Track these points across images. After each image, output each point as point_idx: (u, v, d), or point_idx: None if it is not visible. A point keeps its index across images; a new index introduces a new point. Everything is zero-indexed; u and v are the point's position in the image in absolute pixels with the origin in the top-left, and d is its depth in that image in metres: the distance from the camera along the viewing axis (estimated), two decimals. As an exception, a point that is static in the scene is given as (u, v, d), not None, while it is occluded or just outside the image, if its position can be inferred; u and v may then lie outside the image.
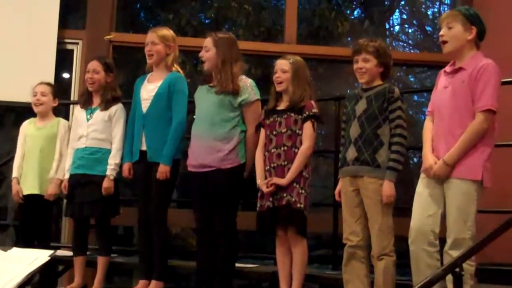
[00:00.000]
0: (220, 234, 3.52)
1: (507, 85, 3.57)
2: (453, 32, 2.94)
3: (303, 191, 3.35)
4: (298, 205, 3.31)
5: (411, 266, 2.96)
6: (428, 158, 2.97)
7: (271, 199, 3.38)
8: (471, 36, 2.93)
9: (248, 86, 3.60)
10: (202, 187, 3.57)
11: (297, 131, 3.41)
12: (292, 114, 3.42)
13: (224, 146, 3.54)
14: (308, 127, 3.40)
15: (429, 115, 3.12)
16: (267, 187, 3.37)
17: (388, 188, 3.09)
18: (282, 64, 3.50)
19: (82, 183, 3.90)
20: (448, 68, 3.04)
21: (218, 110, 3.57)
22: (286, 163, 3.38)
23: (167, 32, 3.85)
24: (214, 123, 3.56)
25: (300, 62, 3.53)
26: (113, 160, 3.86)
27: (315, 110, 3.43)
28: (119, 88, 4.14)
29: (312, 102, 3.46)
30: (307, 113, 3.41)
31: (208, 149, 3.55)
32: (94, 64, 4.02)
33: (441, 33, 2.97)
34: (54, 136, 4.19)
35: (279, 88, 3.51)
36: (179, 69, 3.87)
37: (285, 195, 3.34)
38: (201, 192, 3.59)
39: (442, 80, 3.06)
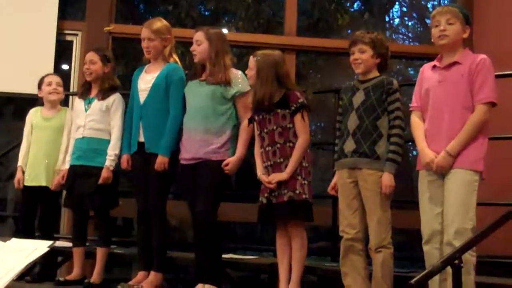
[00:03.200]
0: (198, 226, 3.51)
1: (504, 78, 3.60)
2: (454, 28, 3.01)
3: (305, 181, 3.30)
4: (303, 196, 3.27)
5: (425, 264, 2.98)
6: (427, 153, 2.99)
7: (267, 194, 3.33)
8: (466, 35, 3.04)
9: (239, 77, 3.60)
10: (191, 179, 3.57)
11: (287, 126, 3.33)
12: (279, 110, 3.34)
13: (217, 139, 3.54)
14: (298, 119, 3.32)
15: (415, 110, 3.13)
16: (271, 185, 3.32)
17: (387, 179, 3.08)
18: (249, 61, 3.46)
19: (82, 175, 3.88)
20: (438, 63, 3.07)
21: (211, 103, 3.55)
22: (282, 160, 3.32)
23: (161, 24, 3.81)
24: (207, 116, 3.55)
25: (266, 59, 3.38)
26: (113, 150, 3.85)
27: (301, 100, 3.33)
28: (118, 79, 4.14)
29: (296, 93, 3.36)
30: (294, 106, 3.32)
31: (200, 142, 3.54)
32: (90, 55, 4.02)
33: (442, 28, 3.01)
34: (61, 126, 4.16)
35: (249, 83, 3.50)
36: (177, 59, 3.86)
37: (286, 191, 3.28)
38: (190, 184, 3.58)
39: (433, 75, 3.07)
